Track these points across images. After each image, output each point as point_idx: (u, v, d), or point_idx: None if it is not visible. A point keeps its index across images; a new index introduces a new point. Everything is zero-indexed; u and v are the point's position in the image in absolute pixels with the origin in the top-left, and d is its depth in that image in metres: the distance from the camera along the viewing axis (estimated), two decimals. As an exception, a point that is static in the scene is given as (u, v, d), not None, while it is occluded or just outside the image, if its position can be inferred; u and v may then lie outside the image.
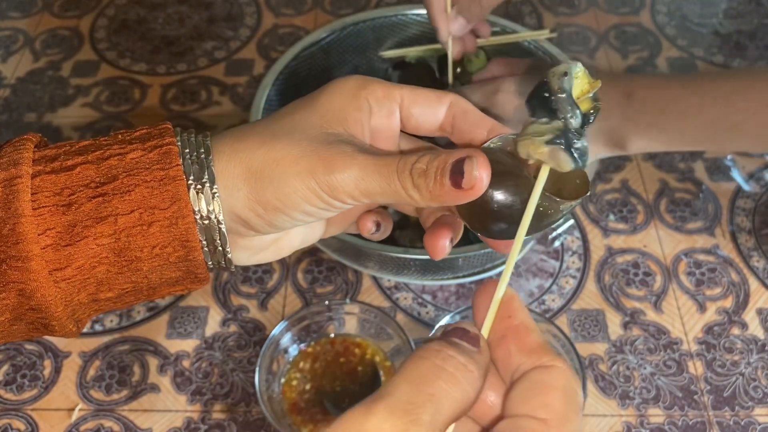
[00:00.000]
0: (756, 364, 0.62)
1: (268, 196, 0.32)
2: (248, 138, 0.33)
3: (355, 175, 0.31)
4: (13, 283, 0.30)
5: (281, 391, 0.59)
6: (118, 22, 0.97)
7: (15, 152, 0.31)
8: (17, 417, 0.61)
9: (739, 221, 0.72)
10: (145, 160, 0.31)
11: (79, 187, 0.30)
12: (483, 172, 0.29)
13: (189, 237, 0.31)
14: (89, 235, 0.30)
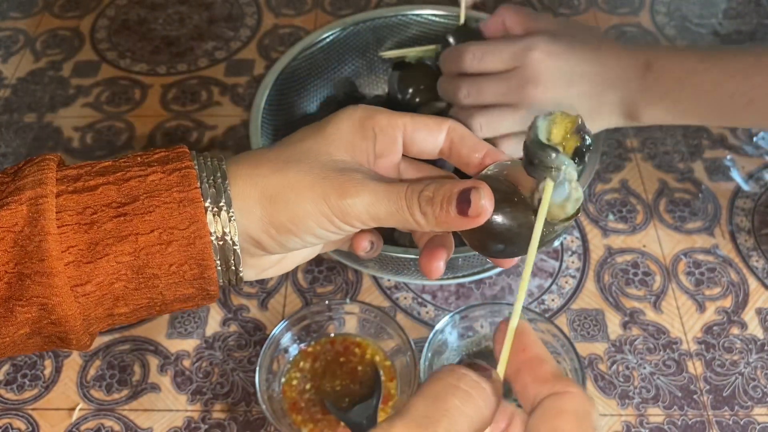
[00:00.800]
0: (755, 363, 0.62)
1: (282, 219, 0.34)
2: (263, 164, 0.34)
3: (365, 201, 0.33)
4: (36, 298, 0.31)
5: (281, 391, 0.59)
6: (118, 22, 0.97)
7: (39, 172, 0.32)
8: (18, 417, 0.61)
9: (738, 221, 0.73)
10: (165, 182, 0.33)
11: (100, 207, 0.32)
12: (488, 201, 0.32)
13: (205, 256, 0.33)
14: (110, 253, 0.32)
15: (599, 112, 0.57)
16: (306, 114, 0.75)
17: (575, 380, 0.56)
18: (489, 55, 0.56)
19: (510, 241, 0.33)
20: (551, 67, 0.54)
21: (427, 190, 0.33)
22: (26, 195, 0.32)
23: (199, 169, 0.34)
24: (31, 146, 0.82)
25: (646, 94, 0.56)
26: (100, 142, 0.82)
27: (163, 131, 0.83)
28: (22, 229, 0.31)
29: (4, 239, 0.31)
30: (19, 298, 0.32)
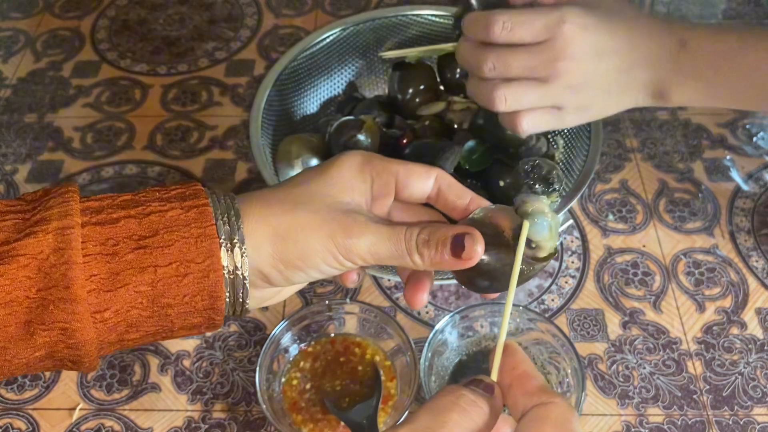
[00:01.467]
0: (755, 363, 0.62)
1: (291, 256, 0.37)
2: (273, 204, 0.37)
3: (368, 241, 0.37)
4: (57, 323, 0.33)
5: (282, 391, 0.59)
6: (119, 22, 0.97)
7: (64, 203, 0.35)
8: (18, 417, 0.61)
9: (738, 221, 0.73)
10: (184, 218, 0.35)
11: (122, 239, 0.35)
12: (480, 246, 0.36)
13: (217, 289, 0.35)
14: (130, 282, 0.34)
15: (628, 88, 0.54)
16: (306, 114, 0.75)
17: (575, 380, 0.56)
18: (520, 26, 0.51)
19: (495, 278, 0.38)
20: (584, 41, 0.51)
21: (423, 234, 0.37)
22: (53, 225, 0.34)
23: (214, 207, 0.36)
24: (31, 146, 0.82)
25: (679, 74, 0.53)
26: (100, 143, 0.82)
27: (163, 131, 0.83)
28: (48, 257, 0.33)
29: (28, 266, 0.33)
30: (41, 322, 0.33)
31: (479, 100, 0.55)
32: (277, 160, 0.67)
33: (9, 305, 0.33)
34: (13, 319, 0.33)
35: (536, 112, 0.54)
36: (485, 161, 0.67)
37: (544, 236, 0.38)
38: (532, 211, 0.39)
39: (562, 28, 0.51)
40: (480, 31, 0.53)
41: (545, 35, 0.51)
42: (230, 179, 0.78)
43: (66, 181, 0.38)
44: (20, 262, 0.33)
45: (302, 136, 0.70)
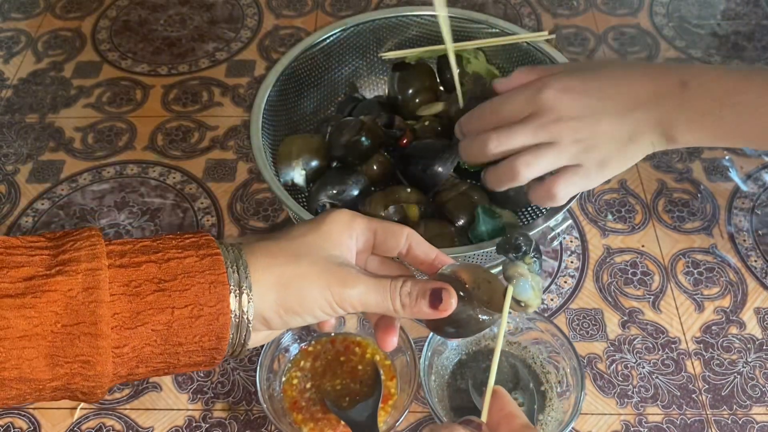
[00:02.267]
0: (754, 363, 0.63)
1: (292, 303, 0.41)
2: (277, 255, 0.42)
3: (359, 291, 0.41)
4: (80, 356, 0.36)
5: (282, 390, 0.60)
6: (119, 23, 0.98)
7: (92, 246, 0.38)
8: (19, 416, 0.61)
9: (736, 221, 0.73)
10: (199, 265, 0.39)
11: (144, 281, 0.38)
12: (454, 300, 0.42)
13: (224, 331, 0.39)
14: (149, 321, 0.37)
15: (637, 132, 0.53)
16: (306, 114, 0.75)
17: (574, 380, 0.56)
18: (503, 105, 0.54)
19: (460, 326, 0.44)
20: (569, 100, 0.52)
21: (406, 286, 0.42)
22: (83, 266, 0.37)
23: (224, 256, 0.40)
24: (32, 146, 0.83)
25: (684, 112, 0.52)
26: (101, 143, 0.83)
27: (164, 132, 0.83)
28: (76, 295, 0.36)
29: (57, 301, 0.36)
30: (64, 355, 0.36)
31: (503, 182, 0.55)
32: (277, 160, 0.67)
33: (34, 338, 0.36)
34: (36, 351, 0.36)
35: (564, 175, 0.54)
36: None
37: (529, 296, 0.46)
38: (513, 275, 0.47)
39: (542, 96, 0.53)
40: (469, 123, 0.57)
41: (529, 108, 0.53)
42: (231, 179, 0.78)
43: (87, 226, 0.42)
44: (50, 297, 0.36)
45: (303, 136, 0.70)
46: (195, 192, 0.77)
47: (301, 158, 0.66)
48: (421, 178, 0.65)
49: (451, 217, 0.64)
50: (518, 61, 0.75)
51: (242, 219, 0.75)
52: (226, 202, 0.76)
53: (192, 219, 0.75)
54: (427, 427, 0.53)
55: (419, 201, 0.65)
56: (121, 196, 0.77)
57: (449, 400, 0.58)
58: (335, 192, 0.66)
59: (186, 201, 0.76)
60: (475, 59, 0.74)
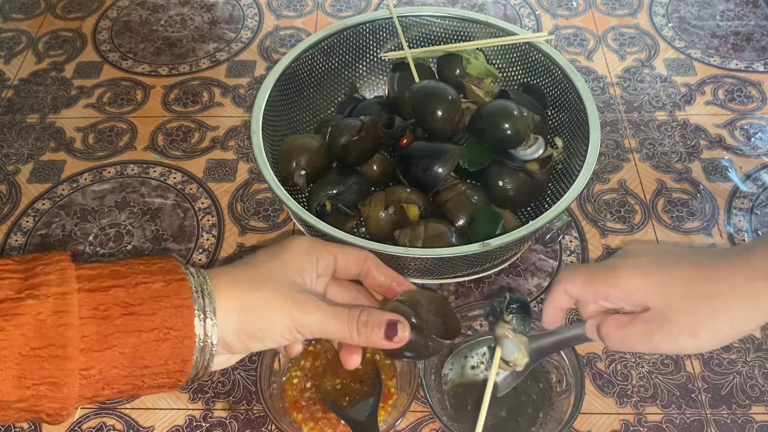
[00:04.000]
0: (753, 363, 0.63)
1: (253, 328, 0.42)
2: (240, 282, 0.43)
3: (319, 318, 0.43)
4: (49, 378, 0.37)
5: (282, 389, 0.60)
6: (120, 23, 0.98)
7: (62, 271, 0.39)
8: (21, 415, 0.61)
9: (736, 221, 0.73)
10: (166, 290, 0.40)
11: (112, 305, 0.39)
12: (407, 333, 0.44)
13: (188, 354, 0.40)
14: (117, 344, 0.38)
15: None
16: (306, 115, 0.75)
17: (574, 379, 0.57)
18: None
19: (415, 350, 0.46)
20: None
21: (362, 316, 0.44)
22: (53, 290, 0.38)
23: (190, 281, 0.41)
24: (33, 147, 0.83)
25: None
26: (102, 143, 0.83)
27: (164, 132, 0.84)
28: (46, 319, 0.37)
29: (26, 324, 0.36)
30: (32, 377, 0.37)
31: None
32: (277, 160, 0.67)
33: (3, 360, 0.36)
34: (3, 373, 0.36)
35: None
36: (484, 160, 0.67)
37: (515, 356, 0.52)
38: (498, 336, 0.52)
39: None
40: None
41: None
42: (231, 179, 0.79)
43: (55, 250, 0.43)
44: (20, 321, 0.36)
45: (303, 136, 0.70)
46: (195, 192, 0.78)
47: (301, 158, 0.67)
48: (421, 178, 0.65)
49: (451, 217, 0.64)
50: (518, 61, 0.75)
51: (242, 219, 0.75)
52: (226, 202, 0.76)
53: (192, 219, 0.75)
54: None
55: (419, 201, 0.65)
56: (122, 196, 0.77)
57: (449, 400, 0.58)
58: (335, 192, 0.66)
59: (186, 201, 0.77)
60: (475, 59, 0.75)
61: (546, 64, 0.72)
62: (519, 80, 0.75)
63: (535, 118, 0.68)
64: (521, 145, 0.68)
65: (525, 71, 0.75)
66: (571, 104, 0.69)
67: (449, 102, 0.67)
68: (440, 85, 0.69)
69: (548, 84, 0.72)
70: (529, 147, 0.68)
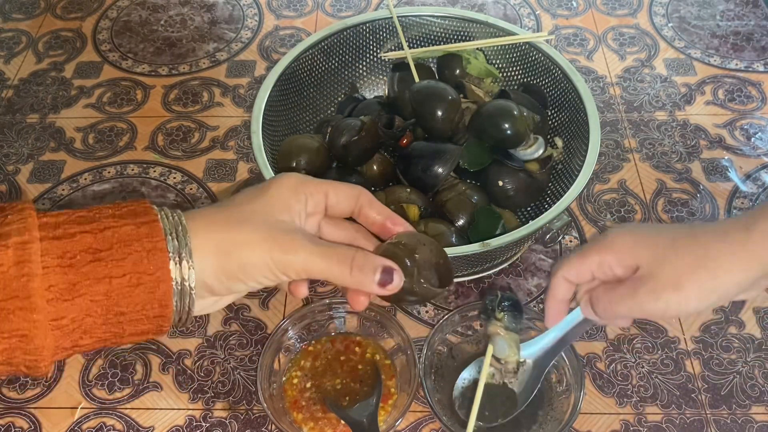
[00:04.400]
0: (753, 362, 0.63)
1: (233, 268, 0.41)
2: (218, 222, 0.41)
3: (302, 258, 0.41)
4: (16, 330, 0.36)
5: (282, 389, 0.60)
6: (120, 23, 0.98)
7: (22, 220, 0.37)
8: (20, 416, 0.61)
9: (736, 221, 0.73)
10: (136, 233, 0.38)
11: (79, 252, 0.37)
12: (400, 280, 0.42)
13: (166, 298, 0.39)
14: (86, 292, 0.37)
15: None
16: (306, 115, 0.75)
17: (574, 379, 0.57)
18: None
19: (405, 297, 0.44)
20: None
21: (358, 259, 0.42)
22: (12, 240, 0.36)
23: (163, 223, 0.39)
24: (33, 147, 0.83)
25: None
26: (102, 143, 0.83)
27: (164, 132, 0.84)
28: (8, 270, 0.36)
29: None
30: (1, 331, 0.36)
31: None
32: (277, 160, 0.67)
33: None
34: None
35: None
36: (484, 160, 0.67)
37: (506, 353, 0.53)
38: (490, 334, 0.52)
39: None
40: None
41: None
42: (231, 179, 0.79)
43: (21, 200, 0.40)
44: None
45: (303, 136, 0.70)
46: (195, 192, 0.78)
47: (301, 158, 0.67)
48: (421, 178, 0.65)
49: (451, 217, 0.64)
50: (518, 61, 0.75)
51: (242, 219, 0.75)
52: (226, 202, 0.76)
53: (192, 219, 0.75)
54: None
55: (419, 201, 0.65)
56: (122, 197, 0.77)
57: (449, 400, 0.58)
58: (335, 192, 0.66)
59: (187, 201, 0.77)
60: (475, 59, 0.75)
61: (546, 64, 0.72)
62: (519, 80, 0.75)
63: (535, 118, 0.68)
64: (521, 145, 0.68)
65: (525, 71, 0.75)
66: (571, 104, 0.69)
67: (449, 102, 0.67)
68: (440, 85, 0.69)
69: (548, 84, 0.72)
70: (529, 147, 0.68)
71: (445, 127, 0.67)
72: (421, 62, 0.76)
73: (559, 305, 0.50)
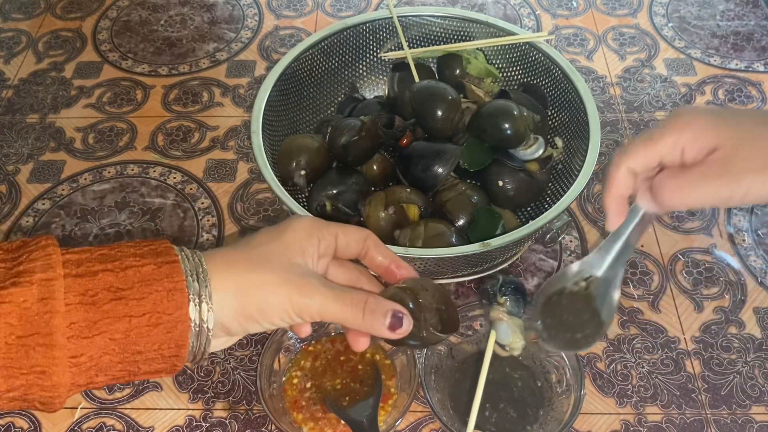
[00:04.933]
0: (753, 362, 0.63)
1: (252, 311, 0.41)
2: (238, 263, 0.42)
3: (318, 301, 0.42)
4: (36, 367, 0.36)
5: (282, 389, 0.60)
6: (120, 23, 0.98)
7: (47, 257, 0.38)
8: (20, 415, 0.61)
9: (736, 221, 0.73)
10: (157, 273, 0.39)
11: (100, 290, 0.38)
12: (410, 325, 0.44)
13: (183, 339, 0.39)
14: (106, 330, 0.37)
15: None
16: (306, 115, 0.75)
17: (574, 379, 0.57)
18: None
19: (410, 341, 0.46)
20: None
21: (370, 303, 0.43)
22: (37, 276, 0.37)
23: (183, 264, 0.40)
24: (33, 147, 0.83)
25: None
26: (101, 143, 0.83)
27: (164, 132, 0.84)
28: (31, 306, 0.36)
29: (11, 313, 0.36)
30: (20, 367, 0.36)
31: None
32: (277, 160, 0.67)
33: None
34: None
35: None
36: (484, 160, 0.67)
37: (509, 339, 0.51)
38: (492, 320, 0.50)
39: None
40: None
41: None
42: (231, 179, 0.79)
43: (43, 234, 0.41)
44: (4, 309, 0.36)
45: (303, 136, 0.70)
46: (195, 192, 0.78)
47: (301, 158, 0.67)
48: (421, 178, 0.65)
49: (451, 217, 0.64)
50: (518, 61, 0.75)
51: (242, 219, 0.75)
52: (226, 202, 0.76)
53: (192, 219, 0.75)
54: None
55: (419, 201, 0.65)
56: (122, 196, 0.77)
57: (449, 400, 0.58)
58: (335, 192, 0.66)
59: (186, 201, 0.77)
60: (475, 59, 0.75)
61: (546, 64, 0.72)
62: (519, 80, 0.75)
63: (535, 118, 0.68)
64: (521, 145, 0.68)
65: (525, 71, 0.75)
66: (571, 104, 0.69)
67: (449, 102, 0.67)
68: (440, 85, 0.69)
69: (548, 84, 0.72)
70: (529, 147, 0.68)
71: (445, 127, 0.67)
72: (421, 62, 0.76)
73: (622, 202, 0.45)
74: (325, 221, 0.47)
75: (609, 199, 0.45)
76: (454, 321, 0.48)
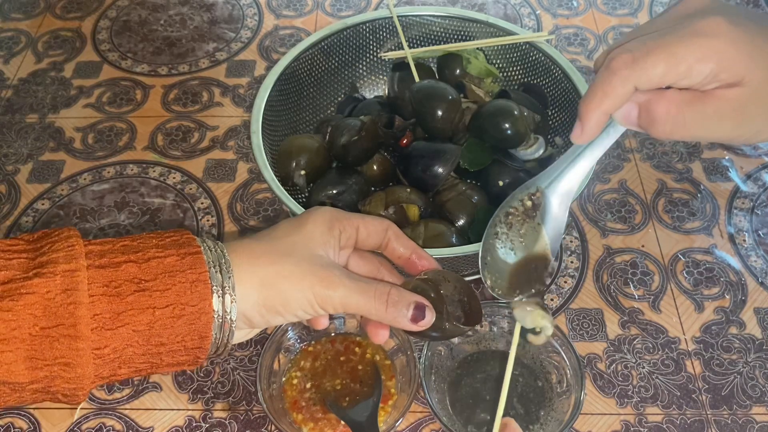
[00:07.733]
0: (754, 363, 0.63)
1: (274, 303, 0.41)
2: (261, 256, 0.42)
3: (341, 293, 0.42)
4: (60, 358, 0.36)
5: (282, 390, 0.60)
6: (120, 23, 0.98)
7: (70, 248, 0.37)
8: (19, 416, 0.61)
9: (736, 221, 0.73)
10: (180, 264, 0.39)
11: (124, 281, 0.38)
12: (432, 317, 0.44)
13: (206, 331, 0.39)
14: (130, 322, 0.37)
15: None
16: (306, 115, 0.75)
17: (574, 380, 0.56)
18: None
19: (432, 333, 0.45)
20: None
21: (393, 295, 0.43)
22: (60, 267, 0.36)
23: (206, 255, 0.40)
24: (32, 147, 0.83)
25: None
26: (101, 143, 0.83)
27: (164, 132, 0.83)
28: (55, 297, 0.36)
29: (35, 304, 0.35)
30: (43, 358, 0.36)
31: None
32: (277, 160, 0.67)
33: (12, 341, 0.35)
34: (14, 355, 0.35)
35: None
36: (484, 161, 0.67)
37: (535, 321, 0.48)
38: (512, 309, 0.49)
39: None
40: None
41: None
42: (231, 179, 0.78)
43: (65, 226, 0.41)
44: (28, 300, 0.35)
45: (303, 136, 0.70)
46: (195, 192, 0.77)
47: (301, 158, 0.66)
48: (421, 178, 0.65)
49: (451, 217, 0.64)
50: (518, 61, 0.75)
51: (242, 219, 0.75)
52: (226, 202, 0.76)
53: (192, 219, 0.75)
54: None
55: (419, 201, 0.65)
56: (122, 196, 0.77)
57: (449, 400, 0.58)
58: (335, 192, 0.66)
59: (186, 201, 0.77)
60: (475, 59, 0.74)
61: (546, 64, 0.72)
62: (519, 80, 0.75)
63: (535, 118, 0.68)
64: (521, 145, 0.68)
65: (525, 71, 0.74)
66: (572, 104, 0.69)
67: (449, 102, 0.67)
68: (440, 85, 0.68)
69: (548, 84, 0.72)
70: (529, 147, 0.68)
71: (445, 127, 0.67)
72: (421, 62, 0.76)
73: (603, 118, 0.40)
74: (346, 212, 0.46)
75: (594, 111, 0.39)
76: (477, 313, 0.47)
